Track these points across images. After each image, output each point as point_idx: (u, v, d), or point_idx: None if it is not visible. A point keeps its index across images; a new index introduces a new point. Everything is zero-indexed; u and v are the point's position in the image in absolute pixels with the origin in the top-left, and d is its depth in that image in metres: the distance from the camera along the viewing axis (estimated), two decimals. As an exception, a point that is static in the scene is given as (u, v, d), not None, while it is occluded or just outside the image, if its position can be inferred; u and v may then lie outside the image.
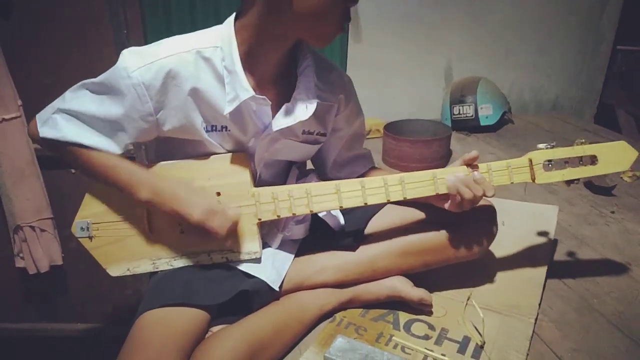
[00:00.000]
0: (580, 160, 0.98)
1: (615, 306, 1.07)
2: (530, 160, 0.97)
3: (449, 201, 0.95)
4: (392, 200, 0.96)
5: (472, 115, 2.30)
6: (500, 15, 2.45)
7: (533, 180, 0.97)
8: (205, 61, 0.86)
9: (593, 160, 0.97)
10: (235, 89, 0.84)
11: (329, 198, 0.94)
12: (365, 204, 0.95)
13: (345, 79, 1.03)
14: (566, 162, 0.98)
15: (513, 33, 2.50)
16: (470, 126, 2.30)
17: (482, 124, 2.30)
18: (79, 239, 0.94)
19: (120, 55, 0.84)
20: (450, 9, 2.38)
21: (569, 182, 0.99)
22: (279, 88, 0.91)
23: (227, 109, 0.86)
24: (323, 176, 1.14)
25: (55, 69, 1.32)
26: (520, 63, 2.57)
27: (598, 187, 1.68)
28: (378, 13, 2.32)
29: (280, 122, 0.89)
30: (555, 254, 1.28)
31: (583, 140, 0.98)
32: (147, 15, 1.72)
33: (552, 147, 0.97)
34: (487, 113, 2.31)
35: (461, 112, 2.32)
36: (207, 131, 0.90)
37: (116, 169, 0.87)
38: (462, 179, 0.92)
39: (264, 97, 0.86)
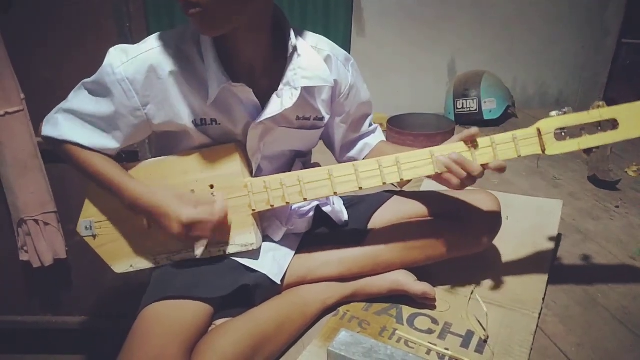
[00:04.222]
0: (598, 126, 0.86)
1: (619, 301, 1.07)
2: (539, 130, 0.87)
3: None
4: (388, 182, 0.90)
5: (475, 109, 2.30)
6: (504, 9, 2.43)
7: (543, 151, 0.88)
8: (185, 55, 0.86)
9: (614, 124, 0.86)
10: (213, 80, 0.85)
11: (322, 184, 0.91)
12: (360, 188, 0.90)
13: (341, 62, 0.99)
14: (582, 129, 0.87)
15: (517, 26, 2.48)
16: (474, 120, 2.29)
17: (485, 118, 2.29)
18: (84, 238, 0.95)
19: (107, 53, 0.86)
20: (453, 2, 2.37)
21: (587, 152, 0.89)
22: (271, 79, 0.91)
23: (209, 99, 0.87)
24: (337, 160, 1.14)
25: (57, 62, 1.31)
26: (524, 57, 2.56)
27: (602, 182, 1.68)
28: (381, 6, 2.31)
29: (267, 111, 0.90)
30: (559, 249, 1.28)
31: (600, 104, 0.86)
32: (149, 7, 1.71)
33: (565, 113, 0.87)
34: (491, 107, 2.30)
35: (465, 106, 2.32)
36: (196, 125, 0.90)
37: (103, 175, 0.89)
38: (455, 159, 0.86)
39: (241, 84, 0.86)
